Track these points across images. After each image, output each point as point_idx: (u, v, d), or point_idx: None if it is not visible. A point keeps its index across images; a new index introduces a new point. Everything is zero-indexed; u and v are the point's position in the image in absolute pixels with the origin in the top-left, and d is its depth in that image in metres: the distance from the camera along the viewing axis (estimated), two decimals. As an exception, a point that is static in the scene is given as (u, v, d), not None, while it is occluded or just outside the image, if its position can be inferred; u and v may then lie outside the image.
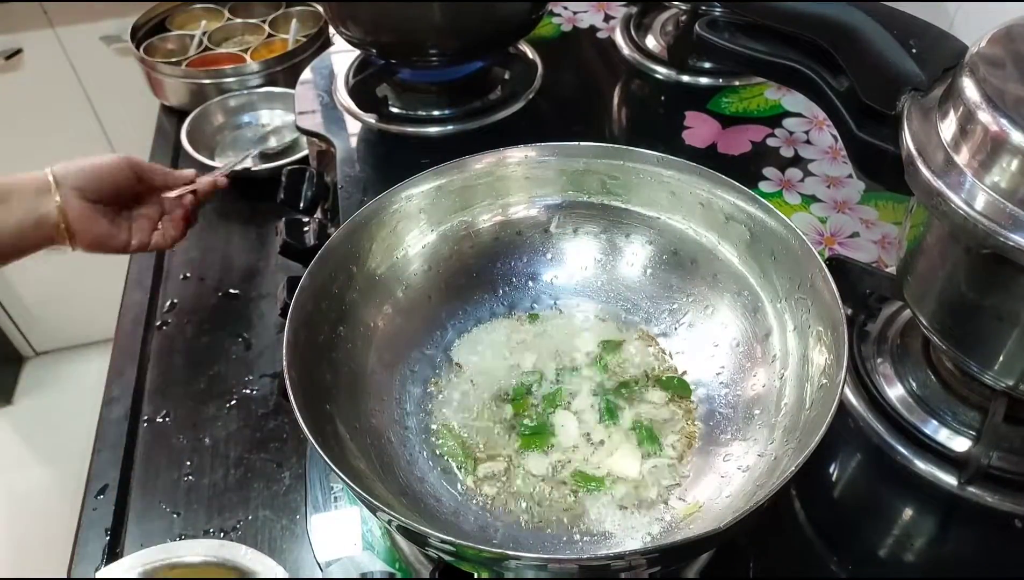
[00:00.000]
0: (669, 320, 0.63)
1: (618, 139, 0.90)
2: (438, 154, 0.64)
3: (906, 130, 0.49)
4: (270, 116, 1.08)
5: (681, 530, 0.50)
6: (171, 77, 1.10)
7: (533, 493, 0.53)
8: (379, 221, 0.60)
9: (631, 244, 0.65)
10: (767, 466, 0.51)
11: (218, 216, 0.97)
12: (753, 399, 0.56)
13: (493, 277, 0.65)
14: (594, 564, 0.43)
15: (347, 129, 0.89)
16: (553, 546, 0.51)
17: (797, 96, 0.90)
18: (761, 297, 0.59)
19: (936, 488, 0.56)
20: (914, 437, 0.58)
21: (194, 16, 1.26)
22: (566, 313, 0.65)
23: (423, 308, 0.62)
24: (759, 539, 0.55)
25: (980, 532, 0.55)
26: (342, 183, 0.82)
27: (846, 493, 0.58)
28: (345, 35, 0.89)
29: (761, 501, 0.41)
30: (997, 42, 0.47)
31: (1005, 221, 0.43)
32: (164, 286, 0.88)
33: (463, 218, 0.64)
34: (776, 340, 0.57)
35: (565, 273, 0.66)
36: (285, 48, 1.15)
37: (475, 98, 0.92)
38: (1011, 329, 0.49)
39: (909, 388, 0.61)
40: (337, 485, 0.59)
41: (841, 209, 0.78)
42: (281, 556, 0.61)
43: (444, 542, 0.41)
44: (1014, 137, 0.42)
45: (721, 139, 0.87)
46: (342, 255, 0.57)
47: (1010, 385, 0.52)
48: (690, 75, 0.95)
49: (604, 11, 1.09)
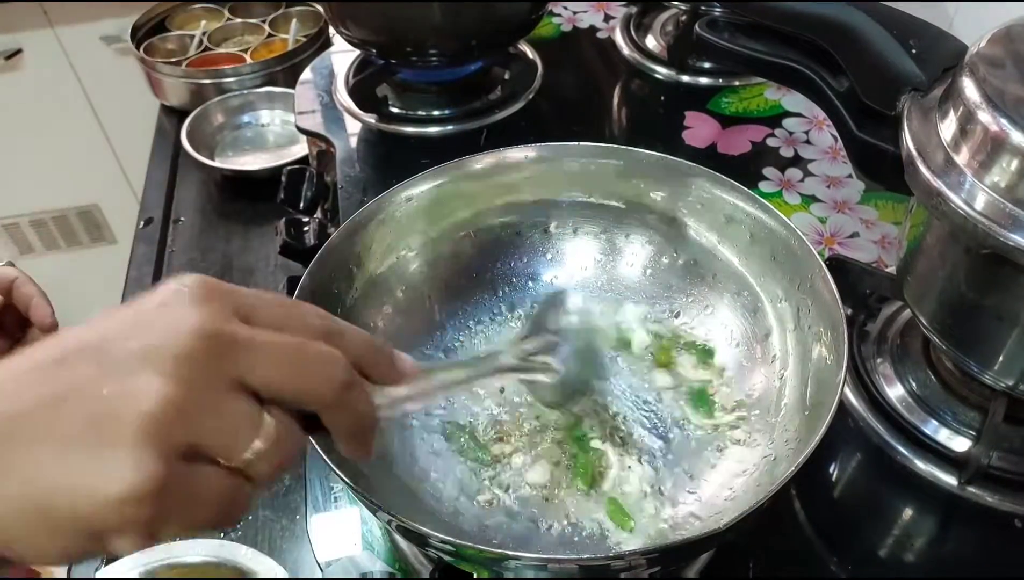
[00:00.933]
0: (669, 320, 0.63)
1: (618, 139, 0.90)
2: (438, 154, 0.64)
3: (906, 130, 0.49)
4: (270, 116, 1.08)
5: (681, 530, 0.51)
6: (171, 77, 1.10)
7: (534, 492, 0.53)
8: (379, 221, 0.60)
9: (631, 244, 0.65)
10: (767, 466, 0.51)
11: (218, 216, 0.97)
12: (753, 399, 0.56)
13: (493, 277, 0.65)
14: (594, 564, 0.43)
15: (347, 129, 0.89)
16: (553, 546, 0.51)
17: (797, 96, 0.90)
18: (761, 297, 0.59)
19: (936, 488, 0.56)
20: (914, 437, 0.58)
21: (194, 16, 1.26)
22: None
23: (423, 308, 0.62)
24: (759, 539, 0.55)
25: (980, 532, 0.55)
26: (342, 183, 0.82)
27: (846, 493, 0.58)
28: (345, 35, 0.89)
29: (761, 501, 0.41)
30: (997, 42, 0.47)
31: (1005, 221, 0.43)
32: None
33: (463, 218, 0.64)
34: (776, 340, 0.57)
35: (565, 273, 0.66)
36: (285, 48, 1.15)
37: (475, 98, 0.92)
38: (1011, 329, 0.49)
39: (909, 388, 0.61)
40: (337, 485, 0.59)
41: (841, 209, 0.78)
42: (281, 556, 0.61)
43: (444, 542, 0.41)
44: (1014, 137, 0.42)
45: (721, 139, 0.87)
46: (342, 255, 0.57)
47: (1010, 385, 0.52)
48: (690, 75, 0.95)
49: (604, 11, 1.09)
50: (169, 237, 0.94)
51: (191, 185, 1.02)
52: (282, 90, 1.07)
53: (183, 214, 0.97)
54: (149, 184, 1.04)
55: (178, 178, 1.03)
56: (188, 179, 1.03)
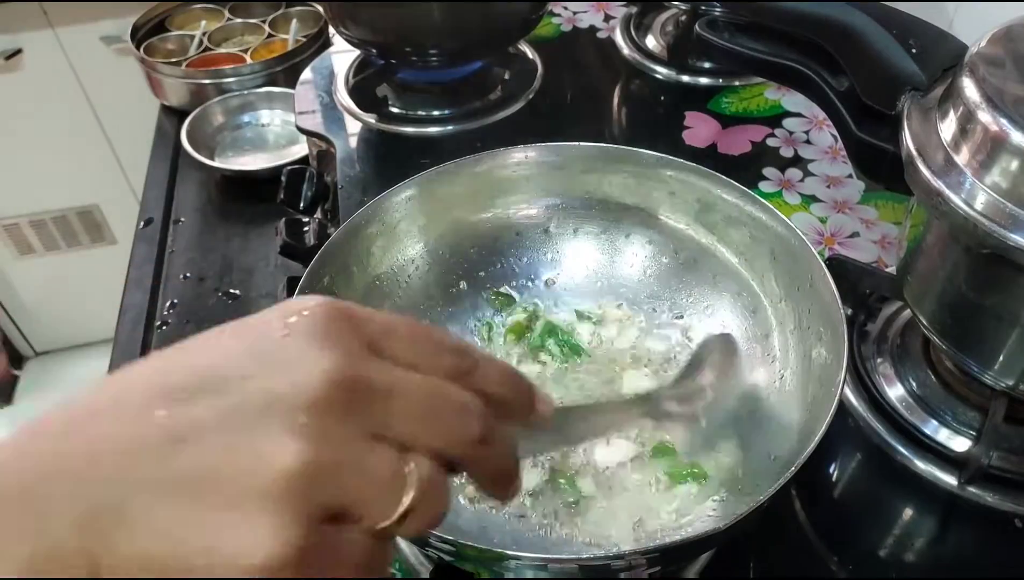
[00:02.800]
0: (669, 320, 0.63)
1: (618, 139, 0.90)
2: (438, 154, 0.64)
3: (906, 130, 0.49)
4: (270, 116, 1.08)
5: (681, 530, 0.51)
6: (171, 77, 1.10)
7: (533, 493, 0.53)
8: (379, 221, 0.60)
9: (631, 244, 0.65)
10: (767, 466, 0.51)
11: (218, 216, 0.97)
12: (753, 399, 0.56)
13: (493, 277, 0.65)
14: (594, 564, 0.43)
15: (347, 129, 0.89)
16: (553, 546, 0.51)
17: (797, 96, 0.90)
18: (761, 297, 0.59)
19: (936, 488, 0.56)
20: (914, 437, 0.58)
21: (194, 16, 1.26)
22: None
23: (423, 308, 0.62)
24: (759, 539, 0.55)
25: (980, 532, 0.55)
26: (342, 183, 0.82)
27: (846, 493, 0.58)
28: (345, 35, 0.88)
29: (761, 501, 0.41)
30: (997, 42, 0.47)
31: (1005, 221, 0.43)
32: (164, 286, 0.88)
33: (463, 218, 0.64)
34: (776, 340, 0.57)
35: (565, 273, 0.66)
36: (285, 48, 1.15)
37: (475, 98, 0.92)
38: (1011, 329, 0.49)
39: (909, 388, 0.61)
40: (337, 485, 0.59)
41: (841, 209, 0.78)
42: (281, 556, 0.60)
43: (444, 542, 0.41)
44: (1014, 137, 0.42)
45: (721, 139, 0.87)
46: (342, 255, 0.57)
47: (1010, 385, 0.52)
48: (690, 75, 0.95)
49: (604, 11, 1.09)
50: (169, 237, 0.94)
51: (191, 185, 1.01)
52: (282, 90, 1.07)
53: (183, 214, 0.97)
54: (149, 184, 1.03)
55: (178, 178, 1.03)
56: (188, 179, 1.03)
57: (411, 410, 0.25)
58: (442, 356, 0.28)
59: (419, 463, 0.25)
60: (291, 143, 1.04)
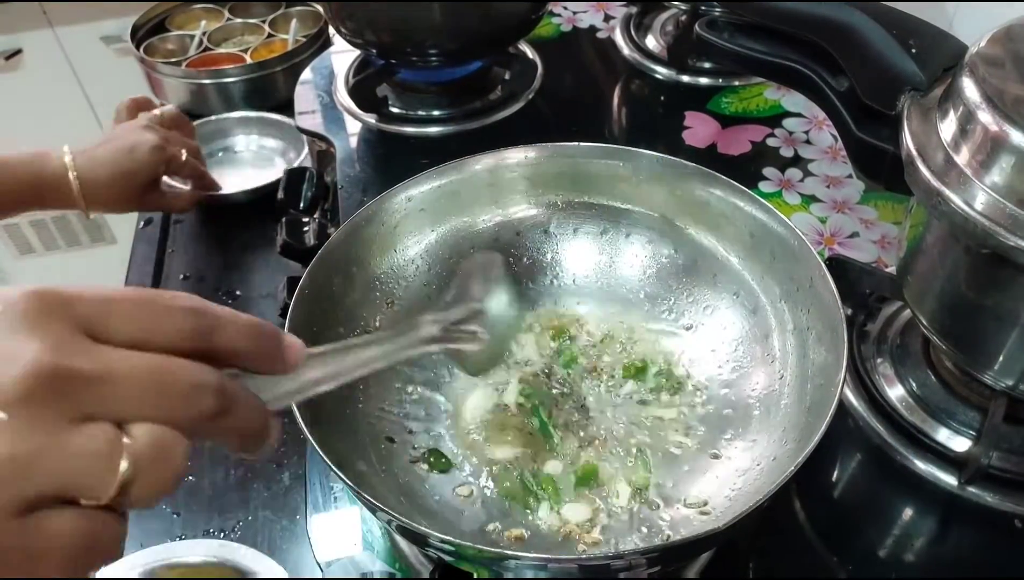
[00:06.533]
0: (669, 321, 0.63)
1: (618, 139, 0.90)
2: (438, 154, 0.64)
3: (906, 130, 0.49)
4: (246, 141, 1.04)
5: (681, 530, 0.51)
6: (171, 77, 1.10)
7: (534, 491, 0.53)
8: (379, 221, 0.60)
9: (631, 244, 0.65)
10: (767, 466, 0.51)
11: (218, 216, 0.97)
12: (753, 399, 0.56)
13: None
14: (594, 564, 0.43)
15: (347, 129, 0.89)
16: (553, 546, 0.51)
17: (797, 96, 0.90)
18: (761, 297, 0.59)
19: (936, 488, 0.56)
20: (914, 437, 0.58)
21: (194, 16, 1.26)
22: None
23: (423, 308, 0.62)
24: (759, 539, 0.55)
25: (980, 532, 0.55)
26: (342, 183, 0.82)
27: (846, 493, 0.58)
28: (345, 35, 0.89)
29: (761, 501, 0.41)
30: (997, 42, 0.47)
31: (1005, 221, 0.43)
32: (164, 286, 0.88)
33: (463, 218, 0.64)
34: (776, 340, 0.57)
35: (565, 273, 0.66)
36: (285, 48, 1.15)
37: (475, 98, 0.92)
38: (1011, 329, 0.49)
39: (909, 388, 0.61)
40: (337, 485, 0.59)
41: (841, 209, 0.78)
42: (281, 556, 0.61)
43: (444, 542, 0.41)
44: (1014, 137, 0.42)
45: (721, 139, 0.87)
46: (342, 255, 0.57)
47: (1010, 385, 0.52)
48: (690, 75, 0.95)
49: (604, 11, 1.09)
50: (169, 237, 0.94)
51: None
52: (257, 114, 1.05)
53: (183, 214, 0.97)
54: (149, 184, 1.03)
55: (178, 178, 1.03)
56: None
57: (127, 393, 0.25)
58: (174, 321, 0.27)
59: (138, 433, 0.25)
60: (269, 167, 1.00)
